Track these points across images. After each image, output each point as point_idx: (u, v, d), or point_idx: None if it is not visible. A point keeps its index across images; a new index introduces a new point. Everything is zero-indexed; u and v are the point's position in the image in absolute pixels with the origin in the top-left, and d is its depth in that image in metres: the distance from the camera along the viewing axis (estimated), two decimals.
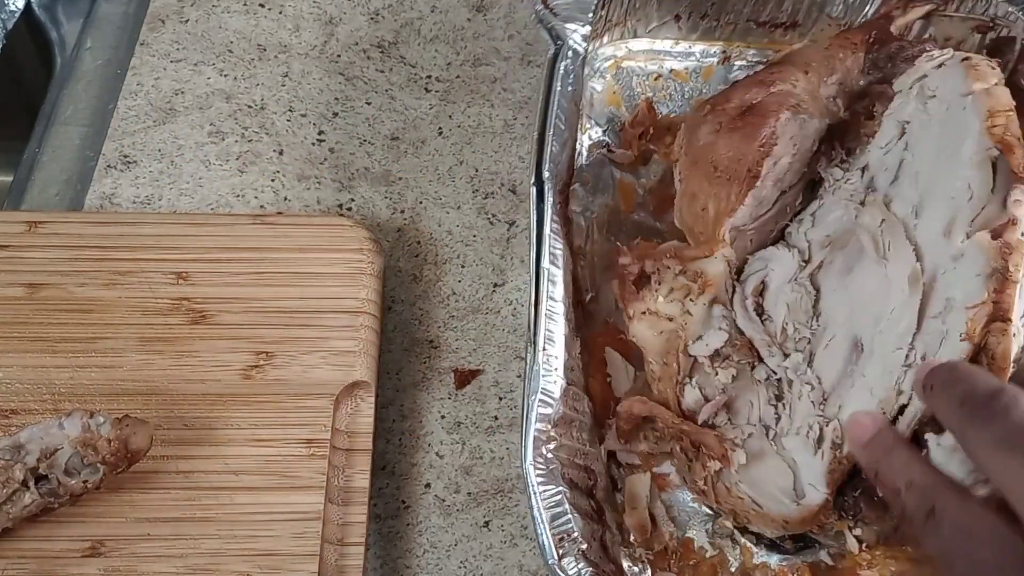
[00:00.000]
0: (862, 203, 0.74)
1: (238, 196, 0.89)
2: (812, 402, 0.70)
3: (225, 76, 0.96)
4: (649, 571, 0.73)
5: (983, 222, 0.65)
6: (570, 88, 0.83)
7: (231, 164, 0.91)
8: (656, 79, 0.94)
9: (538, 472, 0.67)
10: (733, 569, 0.74)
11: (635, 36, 0.95)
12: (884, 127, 0.76)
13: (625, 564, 0.73)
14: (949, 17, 0.89)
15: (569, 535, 0.67)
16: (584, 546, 0.67)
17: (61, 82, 0.97)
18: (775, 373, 0.73)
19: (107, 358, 0.75)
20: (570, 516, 0.67)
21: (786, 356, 0.73)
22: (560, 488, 0.68)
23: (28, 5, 1.01)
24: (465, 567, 0.75)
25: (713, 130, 0.78)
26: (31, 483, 0.65)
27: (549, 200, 0.76)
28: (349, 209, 0.89)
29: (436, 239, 0.88)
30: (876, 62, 0.81)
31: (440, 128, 0.94)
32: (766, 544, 0.74)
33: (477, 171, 0.92)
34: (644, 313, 0.74)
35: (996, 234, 0.63)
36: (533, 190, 0.76)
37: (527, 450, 0.68)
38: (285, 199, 0.89)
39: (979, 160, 0.66)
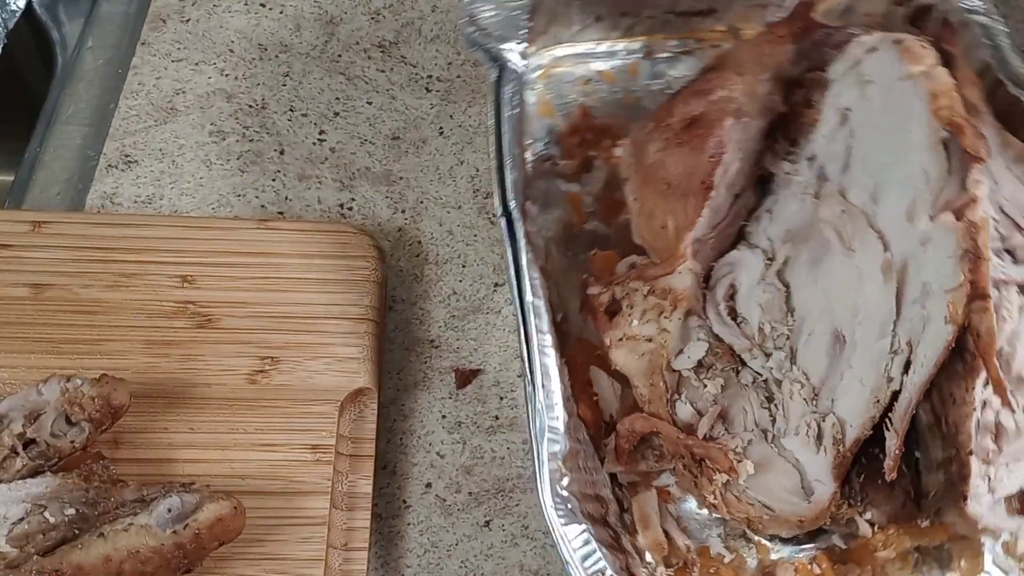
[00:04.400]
0: (816, 195, 0.74)
1: (239, 196, 0.89)
2: (804, 399, 0.71)
3: (226, 76, 0.96)
4: None
5: (944, 203, 0.66)
6: (516, 110, 0.81)
7: (232, 164, 0.91)
8: (586, 83, 0.93)
9: (559, 513, 0.66)
10: (753, 568, 0.74)
11: (558, 43, 0.94)
12: (825, 116, 0.76)
13: None
14: None
15: (603, 573, 0.66)
16: None
17: (62, 81, 0.97)
18: (760, 375, 0.73)
19: (112, 360, 0.75)
20: (599, 553, 0.66)
21: (768, 356, 0.73)
22: (583, 526, 0.67)
23: (29, 5, 1.00)
24: (466, 567, 0.76)
25: (661, 147, 0.78)
26: (20, 449, 0.66)
27: (521, 230, 0.74)
28: (350, 209, 0.90)
29: (437, 239, 0.89)
30: (805, 52, 0.81)
31: (441, 128, 0.95)
32: (780, 538, 0.75)
33: (478, 171, 0.92)
34: (622, 339, 0.74)
35: (959, 214, 0.65)
36: (503, 222, 0.75)
37: (545, 494, 0.67)
38: (286, 199, 0.90)
39: (931, 143, 0.67)
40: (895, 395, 0.68)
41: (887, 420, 0.68)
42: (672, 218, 0.76)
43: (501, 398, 0.82)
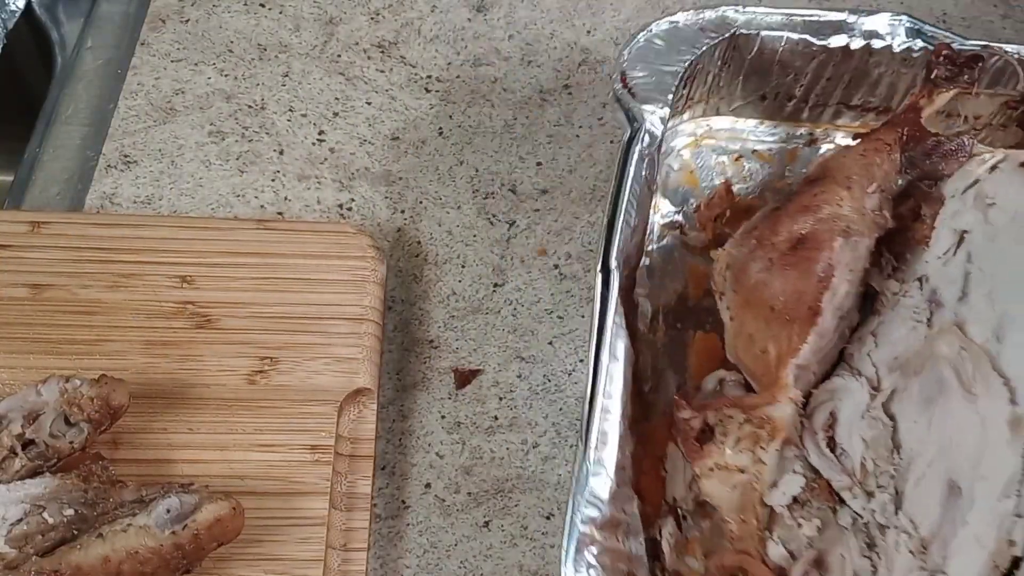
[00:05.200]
0: (929, 321, 0.70)
1: (238, 196, 0.90)
2: (911, 552, 0.65)
3: (225, 76, 0.96)
4: None
5: None
6: (644, 172, 0.78)
7: (231, 164, 0.91)
8: (737, 159, 0.90)
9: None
10: None
11: (718, 114, 0.91)
12: (939, 235, 0.72)
13: None
14: (976, 96, 0.85)
15: None
16: None
17: (62, 82, 0.98)
18: (861, 516, 0.68)
19: (111, 361, 0.75)
20: None
21: (869, 496, 0.68)
22: None
23: (29, 5, 1.00)
24: (465, 567, 0.76)
25: (764, 267, 0.73)
26: (19, 449, 0.66)
27: (614, 291, 0.71)
28: (349, 209, 0.90)
29: (436, 239, 0.89)
30: (913, 160, 0.77)
31: (440, 128, 0.95)
32: None
33: (477, 171, 0.93)
34: (713, 469, 0.69)
35: None
36: (599, 278, 0.72)
37: (568, 553, 0.64)
38: (285, 199, 0.90)
39: None
40: (1016, 562, 0.62)
41: None
42: (774, 344, 0.72)
43: (500, 398, 0.82)
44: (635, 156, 0.77)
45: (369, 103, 0.96)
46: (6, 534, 0.63)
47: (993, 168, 0.71)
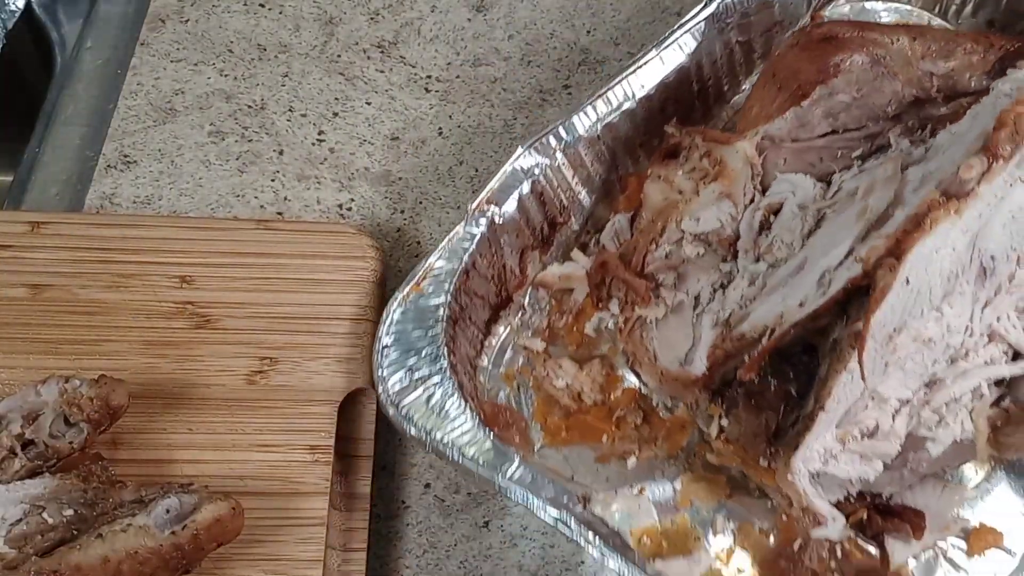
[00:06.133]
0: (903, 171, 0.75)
1: (238, 196, 0.90)
2: (742, 295, 0.74)
3: (225, 76, 0.96)
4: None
5: (940, 182, 0.68)
6: None
7: (231, 164, 0.91)
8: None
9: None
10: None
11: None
12: (964, 118, 0.76)
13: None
14: None
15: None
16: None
17: (61, 82, 0.98)
18: (737, 271, 0.77)
19: (111, 361, 0.75)
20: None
21: (756, 262, 0.76)
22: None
23: (28, 5, 1.01)
24: (465, 567, 0.76)
25: (791, 44, 0.82)
26: (18, 449, 0.66)
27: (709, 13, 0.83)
28: (349, 209, 0.90)
29: (436, 239, 0.89)
30: (1004, 69, 0.80)
31: (440, 128, 0.95)
32: None
33: (477, 171, 0.92)
34: (660, 177, 0.79)
35: (946, 193, 0.67)
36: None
37: (528, 142, 0.80)
38: (285, 199, 0.90)
39: (981, 134, 0.69)
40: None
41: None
42: (759, 104, 0.80)
43: None
44: None
45: (369, 103, 0.96)
46: (6, 534, 0.63)
47: None
